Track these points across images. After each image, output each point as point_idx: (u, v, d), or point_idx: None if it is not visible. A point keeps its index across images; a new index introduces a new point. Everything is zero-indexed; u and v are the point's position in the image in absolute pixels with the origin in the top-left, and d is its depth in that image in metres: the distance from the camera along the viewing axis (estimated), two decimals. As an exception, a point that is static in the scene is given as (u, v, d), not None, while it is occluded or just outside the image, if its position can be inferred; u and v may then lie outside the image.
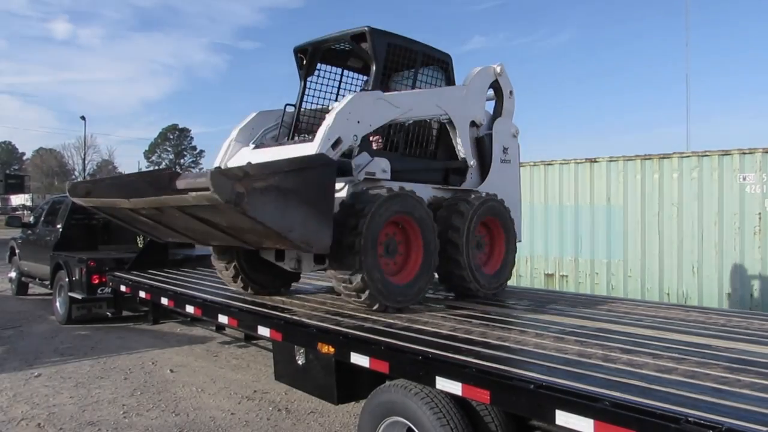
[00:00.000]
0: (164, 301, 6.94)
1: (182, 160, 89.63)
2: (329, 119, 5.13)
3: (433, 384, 3.48)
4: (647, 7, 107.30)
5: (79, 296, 9.98)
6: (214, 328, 8.88)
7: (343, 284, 5.01)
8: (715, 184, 9.36)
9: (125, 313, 10.47)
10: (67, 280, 10.30)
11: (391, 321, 4.64)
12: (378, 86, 5.59)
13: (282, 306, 5.51)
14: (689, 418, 2.39)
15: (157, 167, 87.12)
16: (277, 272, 6.14)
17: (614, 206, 10.20)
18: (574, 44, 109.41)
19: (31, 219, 13.69)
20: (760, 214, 9.20)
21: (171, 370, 7.71)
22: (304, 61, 6.17)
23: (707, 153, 9.53)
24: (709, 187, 9.42)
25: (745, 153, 9.16)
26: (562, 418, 2.79)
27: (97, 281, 9.72)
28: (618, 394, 2.70)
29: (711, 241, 9.63)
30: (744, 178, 9.28)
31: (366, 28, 5.55)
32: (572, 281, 10.97)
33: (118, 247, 11.30)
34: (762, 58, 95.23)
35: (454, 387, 3.35)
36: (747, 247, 9.33)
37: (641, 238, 10.28)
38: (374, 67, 5.61)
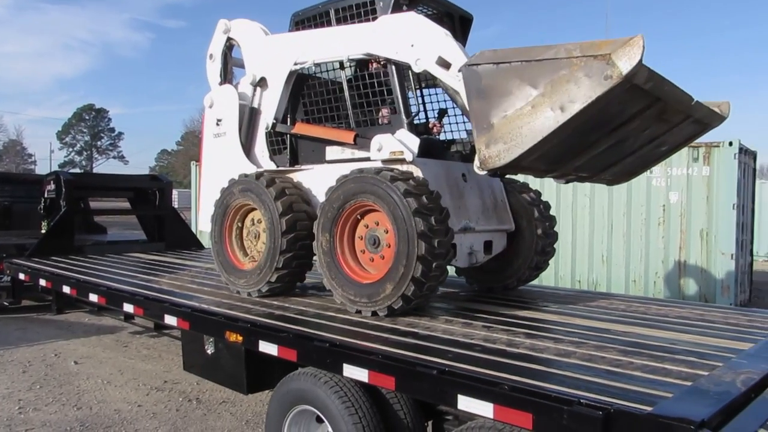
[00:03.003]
0: (66, 289, 6.57)
1: (99, 143, 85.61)
2: None
3: (340, 371, 3.45)
4: (572, 6, 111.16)
5: (-26, 285, 9.32)
6: (123, 317, 8.51)
7: None
8: (624, 176, 9.76)
9: (27, 302, 9.89)
10: (-39, 267, 9.58)
11: (303, 308, 4.57)
12: None
13: (191, 294, 5.32)
14: (581, 400, 2.45)
15: (71, 149, 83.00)
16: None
17: (530, 196, 10.44)
18: (502, 37, 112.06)
19: None
20: (664, 206, 9.71)
21: (75, 362, 7.33)
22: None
23: (617, 146, 9.92)
24: (619, 179, 9.81)
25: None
26: (464, 402, 2.82)
27: (-6, 269, 9.10)
28: (517, 378, 2.75)
29: (620, 231, 10.09)
30: (651, 172, 9.73)
31: (472, 16, 5.37)
32: (490, 269, 11.20)
33: (21, 232, 10.64)
34: (676, 51, 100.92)
35: (361, 374, 3.32)
36: (652, 237, 9.83)
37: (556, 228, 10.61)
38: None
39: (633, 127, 3.72)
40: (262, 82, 5.59)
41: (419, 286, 4.06)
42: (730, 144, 9.19)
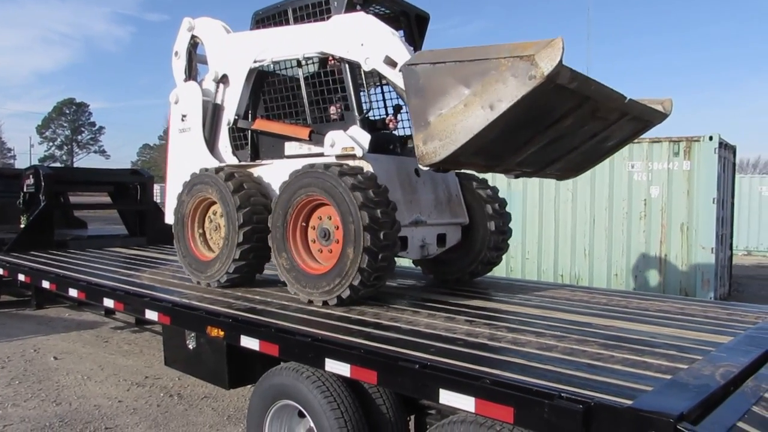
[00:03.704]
0: (46, 284, 6.48)
1: (80, 137, 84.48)
2: None
3: (322, 366, 3.43)
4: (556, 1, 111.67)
5: (-50, 280, 9.15)
6: (103, 312, 8.43)
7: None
8: (606, 171, 9.84)
9: (6, 298, 9.75)
10: (-63, 262, 9.40)
11: (285, 303, 4.54)
12: None
13: (173, 288, 5.27)
14: (562, 394, 2.46)
15: (51, 143, 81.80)
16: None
17: (514, 191, 10.52)
18: (486, 33, 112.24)
19: None
20: (645, 200, 9.79)
21: (55, 357, 7.24)
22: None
23: (600, 141, 9.99)
24: (601, 174, 9.90)
25: (633, 143, 9.68)
26: (445, 396, 2.81)
27: (-29, 264, 8.94)
28: (499, 372, 2.75)
29: (602, 225, 10.16)
30: (632, 166, 9.83)
31: (429, 15, 5.49)
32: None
33: (0, 227, 10.46)
34: (659, 48, 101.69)
35: (343, 369, 3.31)
36: (633, 231, 9.92)
37: (539, 222, 10.68)
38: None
39: (567, 124, 3.82)
40: (224, 79, 5.67)
41: (366, 276, 4.21)
42: (711, 138, 9.28)
